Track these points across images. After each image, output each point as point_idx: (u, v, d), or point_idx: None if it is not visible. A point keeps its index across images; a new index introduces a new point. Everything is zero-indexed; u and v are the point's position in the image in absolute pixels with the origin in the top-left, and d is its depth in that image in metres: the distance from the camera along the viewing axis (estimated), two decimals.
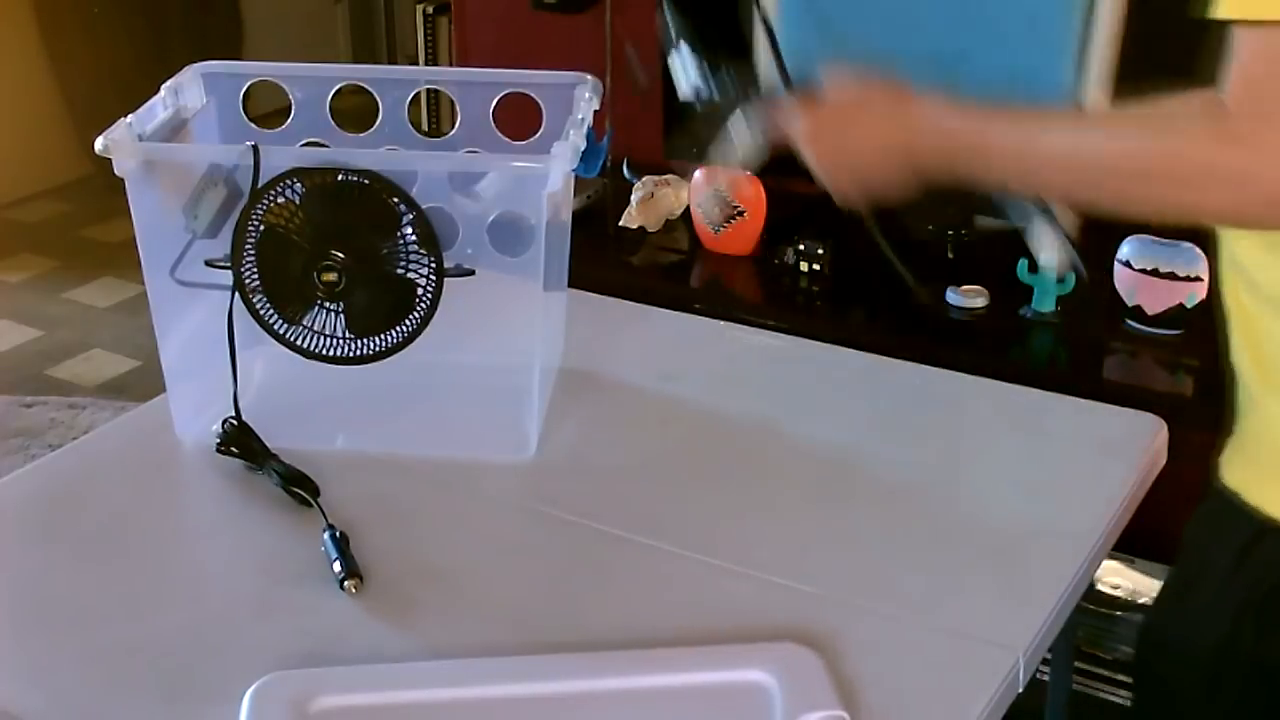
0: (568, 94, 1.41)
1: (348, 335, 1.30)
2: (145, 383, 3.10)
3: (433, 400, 1.41)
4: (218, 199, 1.26)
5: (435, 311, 1.28)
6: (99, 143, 1.25)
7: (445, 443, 1.35)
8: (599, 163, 1.31)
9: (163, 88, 1.38)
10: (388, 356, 1.30)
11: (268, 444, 1.32)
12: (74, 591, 1.18)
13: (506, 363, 1.35)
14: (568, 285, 1.49)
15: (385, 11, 4.68)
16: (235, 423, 1.32)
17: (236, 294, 1.28)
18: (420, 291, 1.28)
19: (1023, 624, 1.12)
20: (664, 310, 1.68)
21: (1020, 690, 1.09)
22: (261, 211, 1.25)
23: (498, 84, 1.45)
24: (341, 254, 1.26)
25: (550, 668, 1.06)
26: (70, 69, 4.29)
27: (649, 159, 2.32)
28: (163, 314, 1.33)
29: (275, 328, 1.30)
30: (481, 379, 1.39)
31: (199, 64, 1.45)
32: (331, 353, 1.30)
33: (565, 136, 1.28)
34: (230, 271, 1.27)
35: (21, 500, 1.34)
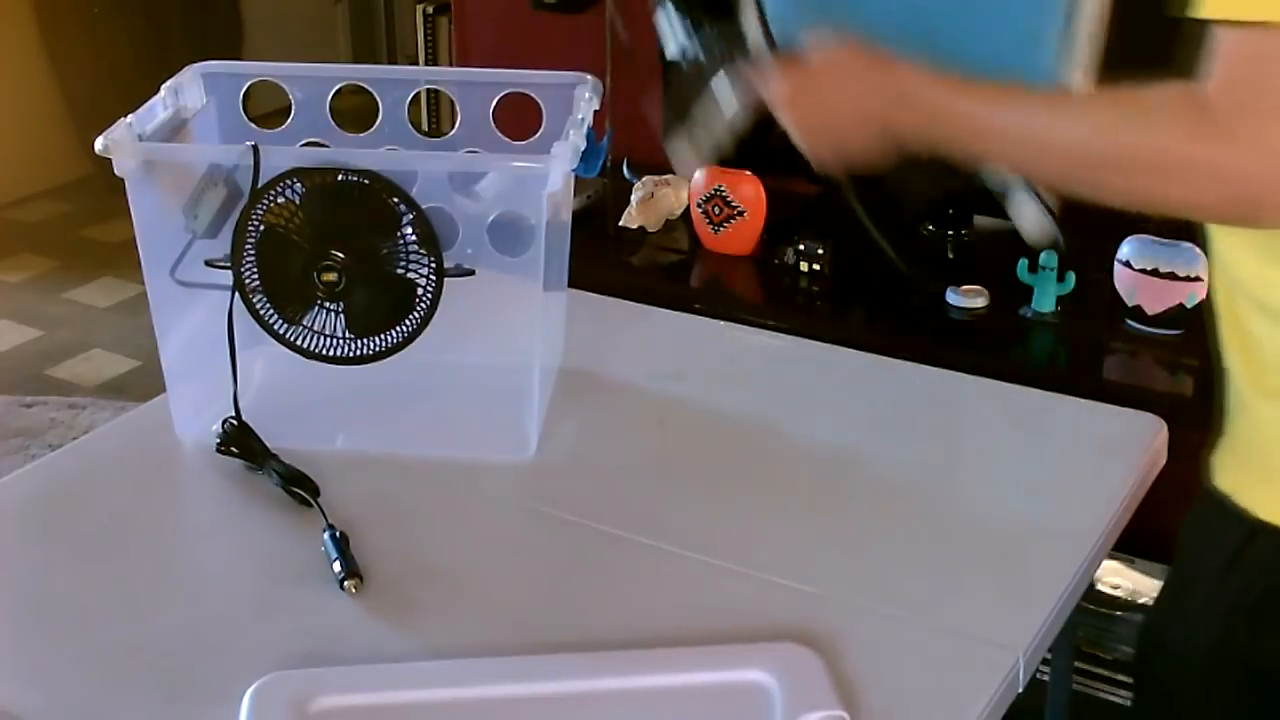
0: (568, 94, 1.41)
1: (348, 335, 1.30)
2: (145, 383, 3.10)
3: (433, 400, 1.41)
4: (218, 199, 1.26)
5: (435, 311, 1.28)
6: (99, 143, 1.25)
7: (445, 443, 1.35)
8: (599, 163, 1.31)
9: (163, 88, 1.38)
10: (388, 356, 1.30)
11: (268, 444, 1.32)
12: (74, 591, 1.18)
13: (506, 363, 1.35)
14: (568, 285, 1.49)
15: (385, 11, 4.68)
16: (235, 423, 1.32)
17: (236, 294, 1.28)
18: (420, 291, 1.28)
19: (1023, 624, 1.12)
20: (664, 310, 1.68)
21: (1020, 690, 1.09)
22: (261, 211, 1.25)
23: (498, 84, 1.45)
24: (341, 254, 1.26)
25: (550, 668, 1.06)
26: (70, 69, 4.29)
27: (649, 159, 2.32)
28: (163, 314, 1.33)
29: (275, 328, 1.30)
30: (481, 379, 1.39)
31: (199, 64, 1.45)
32: (331, 353, 1.30)
33: (565, 136, 1.28)
34: (230, 271, 1.27)
35: (21, 500, 1.34)
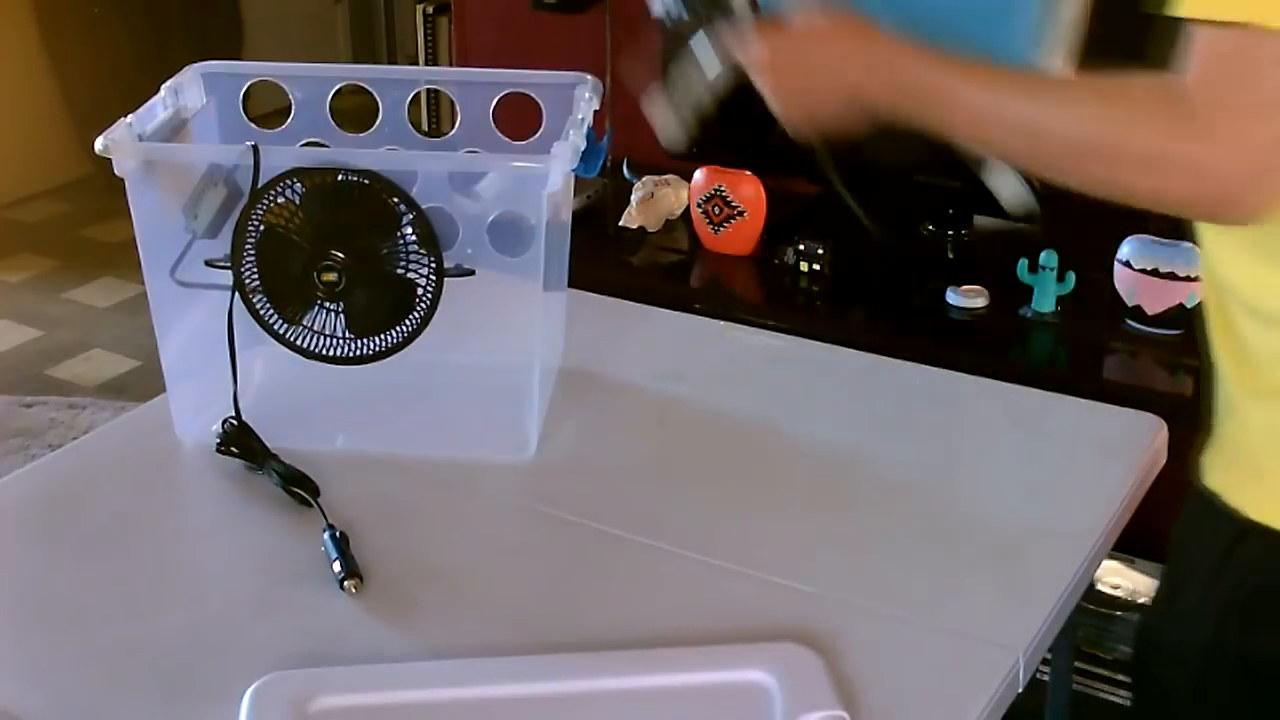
0: (568, 94, 1.41)
1: (348, 335, 1.30)
2: (145, 383, 3.10)
3: (433, 400, 1.41)
4: (218, 199, 1.26)
5: (435, 311, 1.28)
6: (99, 143, 1.25)
7: (445, 443, 1.35)
8: (599, 163, 1.31)
9: (163, 88, 1.38)
10: (388, 356, 1.30)
11: (268, 444, 1.32)
12: (74, 591, 1.18)
13: (506, 363, 1.35)
14: (568, 285, 1.49)
15: (385, 11, 4.68)
16: (235, 423, 1.32)
17: (236, 294, 1.28)
18: (420, 291, 1.28)
19: (1023, 624, 1.12)
20: (664, 310, 1.68)
21: (1020, 690, 1.09)
22: (261, 211, 1.25)
23: (498, 84, 1.45)
24: (341, 254, 1.26)
25: (550, 668, 1.06)
26: (70, 69, 4.29)
27: (649, 159, 2.32)
28: (163, 314, 1.33)
29: (275, 328, 1.30)
30: (481, 379, 1.39)
31: (199, 64, 1.45)
32: (331, 353, 1.30)
33: (565, 136, 1.28)
34: (230, 271, 1.27)
35: (21, 500, 1.34)
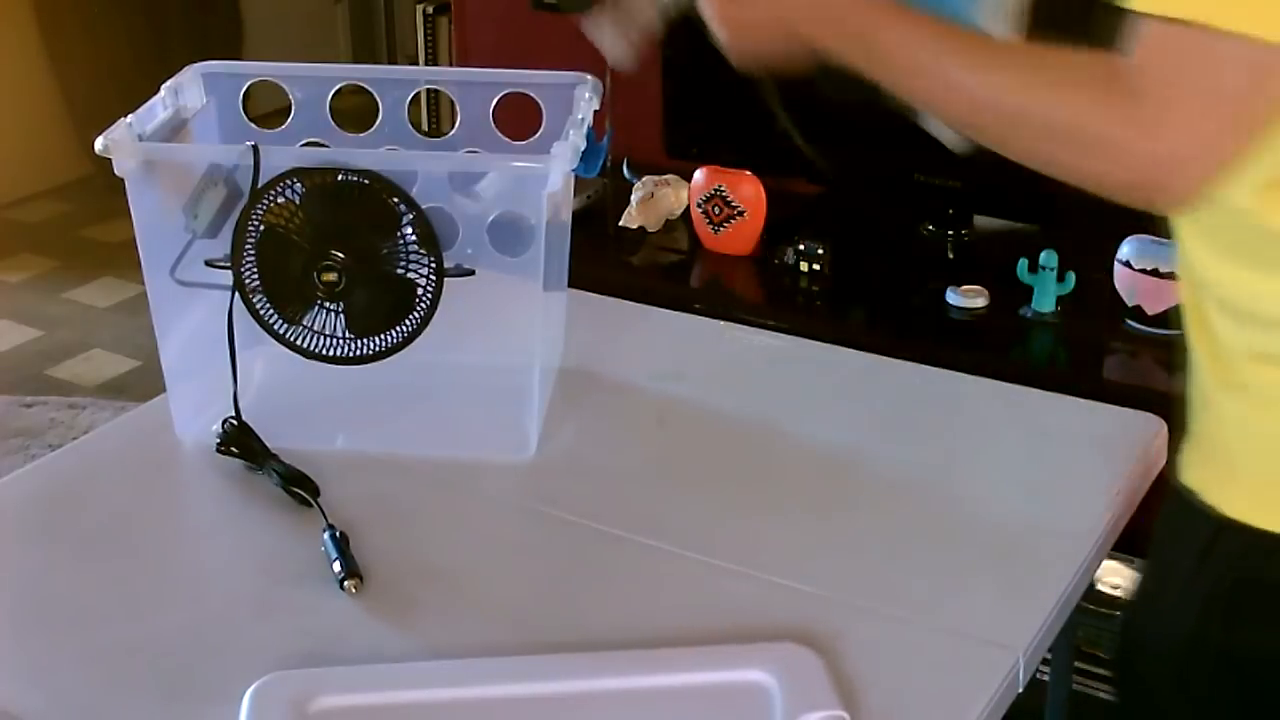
0: (568, 94, 1.41)
1: (348, 335, 1.30)
2: (145, 383, 3.10)
3: (433, 400, 1.41)
4: (218, 199, 1.26)
5: (435, 311, 1.28)
6: (99, 143, 1.25)
7: (445, 443, 1.35)
8: (599, 163, 1.31)
9: (163, 88, 1.38)
10: (388, 356, 1.30)
11: (268, 444, 1.32)
12: (74, 591, 1.18)
13: (506, 363, 1.35)
14: (568, 285, 1.49)
15: (385, 11, 4.68)
16: (235, 423, 1.32)
17: (236, 294, 1.28)
18: (420, 291, 1.28)
19: (1023, 624, 1.12)
20: (664, 310, 1.68)
21: (1020, 690, 1.09)
22: (261, 211, 1.25)
23: (498, 84, 1.45)
24: (341, 254, 1.26)
25: (550, 668, 1.06)
26: (70, 69, 4.29)
27: (649, 159, 2.32)
28: (163, 314, 1.33)
29: (275, 328, 1.30)
30: (481, 379, 1.39)
31: (199, 64, 1.44)
32: (331, 353, 1.30)
33: (565, 136, 1.28)
34: (230, 271, 1.27)
35: (21, 500, 1.34)
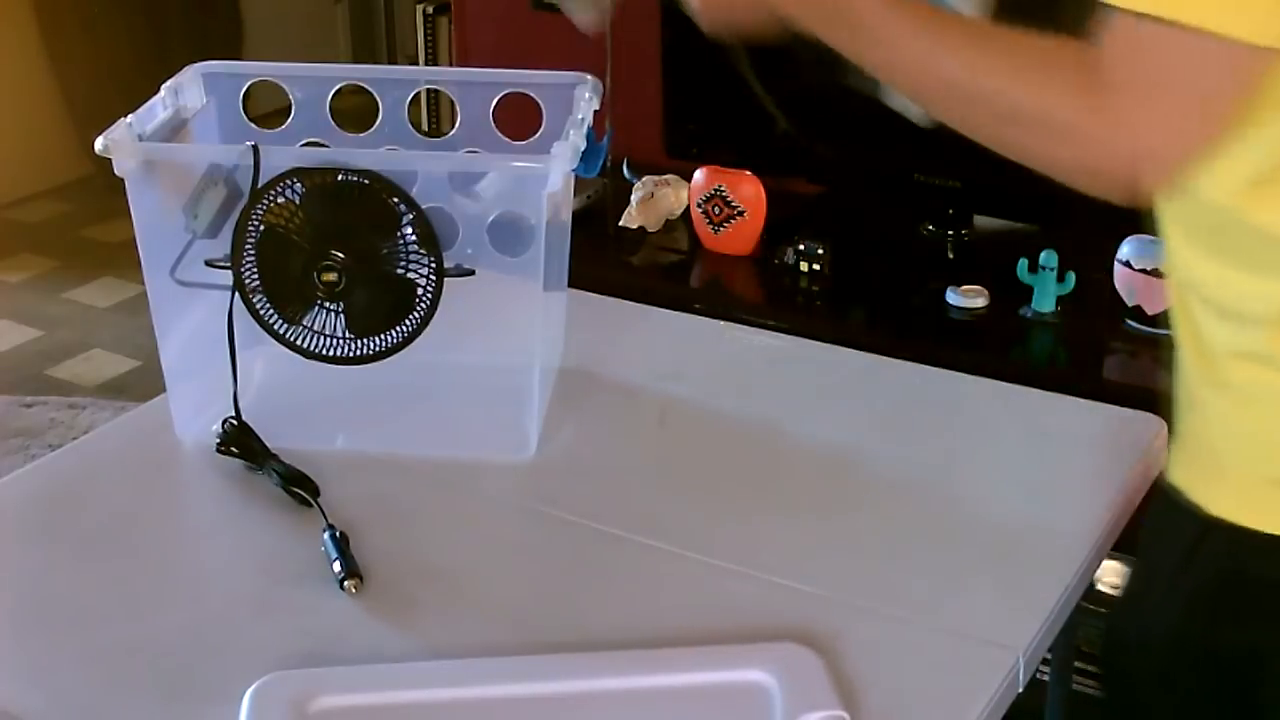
0: (568, 94, 1.41)
1: (348, 335, 1.30)
2: (145, 383, 3.10)
3: (433, 400, 1.41)
4: (218, 199, 1.26)
5: (435, 311, 1.28)
6: (99, 143, 1.25)
7: (445, 443, 1.35)
8: (599, 163, 1.31)
9: (163, 88, 1.38)
10: (388, 356, 1.30)
11: (268, 444, 1.32)
12: (74, 591, 1.18)
13: (506, 363, 1.35)
14: (568, 285, 1.49)
15: (385, 11, 4.68)
16: (235, 423, 1.32)
17: (236, 294, 1.28)
18: (420, 291, 1.27)
19: (1023, 624, 1.12)
20: (664, 310, 1.68)
21: (1020, 690, 1.09)
22: (261, 211, 1.25)
23: (498, 84, 1.45)
24: (341, 254, 1.26)
25: (550, 668, 1.06)
26: (70, 69, 4.29)
27: (649, 159, 2.32)
28: (163, 314, 1.33)
29: (275, 328, 1.30)
30: (481, 379, 1.39)
31: (199, 64, 1.44)
32: (331, 353, 1.30)
33: (565, 136, 1.28)
34: (230, 271, 1.27)
35: (21, 500, 1.34)
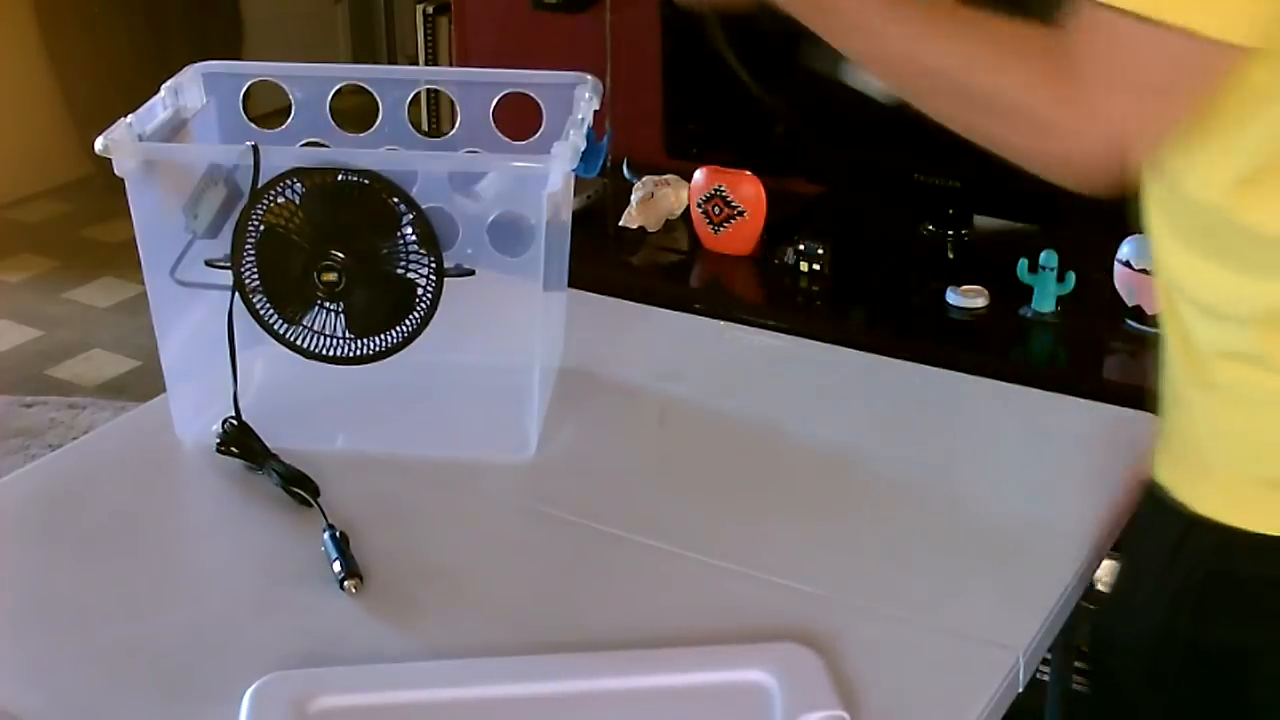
0: (568, 94, 1.41)
1: (348, 335, 1.30)
2: (145, 383, 3.10)
3: (433, 400, 1.41)
4: (218, 199, 1.26)
5: (435, 311, 1.28)
6: (99, 143, 1.25)
7: (445, 443, 1.35)
8: (599, 163, 1.31)
9: (163, 88, 1.38)
10: (388, 356, 1.30)
11: (268, 444, 1.32)
12: (74, 591, 1.18)
13: (506, 363, 1.35)
14: (568, 285, 1.49)
15: (385, 11, 4.68)
16: (235, 423, 1.32)
17: (236, 294, 1.28)
18: (420, 291, 1.27)
19: (1023, 624, 1.12)
20: (664, 310, 1.68)
21: (1020, 690, 1.09)
22: (261, 211, 1.25)
23: (498, 84, 1.45)
24: (341, 254, 1.26)
25: (550, 668, 1.06)
26: (70, 69, 4.29)
27: (649, 159, 2.32)
28: (163, 314, 1.33)
29: (275, 328, 1.30)
30: (481, 379, 1.39)
31: (199, 64, 1.44)
32: (331, 353, 1.30)
33: (565, 136, 1.28)
34: (230, 271, 1.27)
35: (21, 500, 1.34)
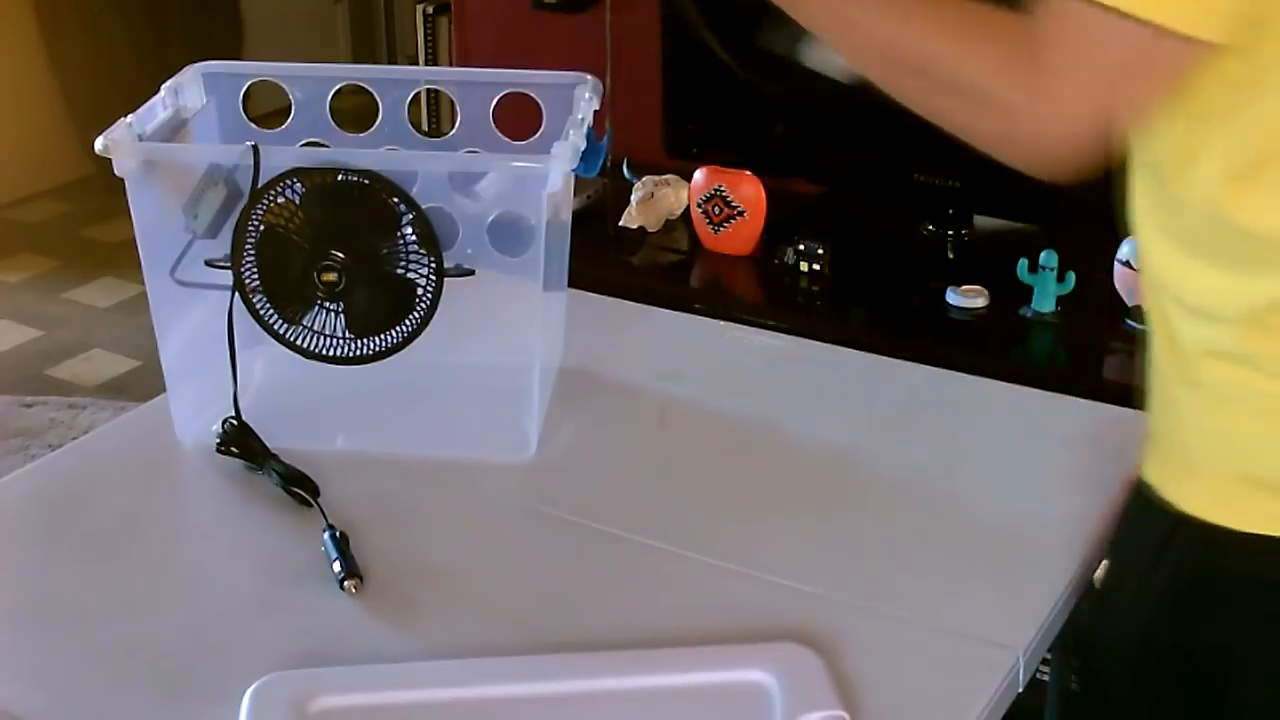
0: (568, 94, 1.41)
1: (348, 335, 1.30)
2: (145, 383, 3.10)
3: (433, 400, 1.41)
4: (218, 199, 1.26)
5: (435, 311, 1.28)
6: (99, 143, 1.25)
7: (445, 443, 1.35)
8: (599, 163, 1.31)
9: (163, 88, 1.38)
10: (388, 356, 1.30)
11: (268, 444, 1.32)
12: (74, 591, 1.18)
13: (506, 363, 1.35)
14: (568, 285, 1.49)
15: (385, 11, 4.68)
16: (235, 423, 1.32)
17: (236, 294, 1.28)
18: (420, 291, 1.28)
19: (1023, 624, 1.12)
20: (664, 310, 1.68)
21: (1020, 690, 1.09)
22: (261, 211, 1.25)
23: (498, 84, 1.45)
24: (341, 254, 1.26)
25: (550, 668, 1.06)
26: (70, 69, 4.29)
27: (649, 159, 2.32)
28: (163, 314, 1.33)
29: (275, 328, 1.30)
30: (481, 379, 1.39)
31: (199, 64, 1.44)
32: (331, 353, 1.30)
33: (565, 136, 1.28)
34: (230, 271, 1.27)
35: (21, 500, 1.34)
